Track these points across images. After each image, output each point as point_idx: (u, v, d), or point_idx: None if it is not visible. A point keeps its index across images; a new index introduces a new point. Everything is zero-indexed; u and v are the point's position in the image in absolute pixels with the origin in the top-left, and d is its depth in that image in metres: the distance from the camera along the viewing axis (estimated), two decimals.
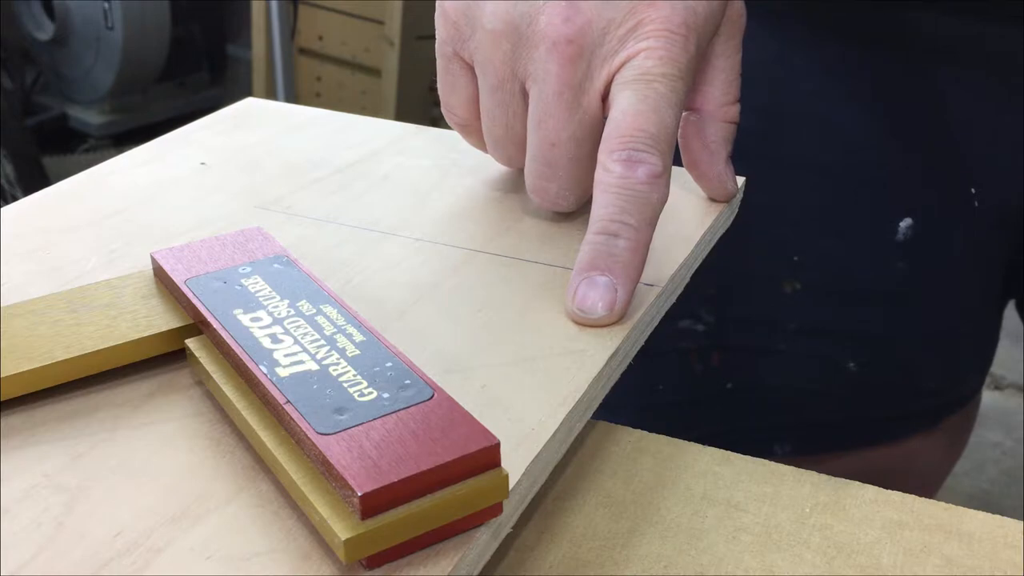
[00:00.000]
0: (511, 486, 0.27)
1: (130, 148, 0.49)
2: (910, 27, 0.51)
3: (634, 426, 0.36)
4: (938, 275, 0.55)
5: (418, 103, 2.28)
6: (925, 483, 0.65)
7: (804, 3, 0.52)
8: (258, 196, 0.44)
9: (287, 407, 0.28)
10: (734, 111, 0.41)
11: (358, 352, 0.30)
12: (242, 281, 0.34)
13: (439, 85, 0.42)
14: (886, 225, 0.54)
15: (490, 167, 0.46)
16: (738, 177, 0.44)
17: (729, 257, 0.43)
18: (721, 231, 0.43)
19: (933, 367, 0.58)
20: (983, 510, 0.32)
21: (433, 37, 0.41)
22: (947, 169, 0.53)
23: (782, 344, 0.57)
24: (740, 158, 0.43)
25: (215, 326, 0.31)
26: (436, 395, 0.28)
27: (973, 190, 0.53)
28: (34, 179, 2.18)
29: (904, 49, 0.52)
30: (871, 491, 0.33)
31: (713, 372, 0.58)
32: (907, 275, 0.54)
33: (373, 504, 0.25)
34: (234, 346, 0.30)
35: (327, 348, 0.30)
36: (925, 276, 0.55)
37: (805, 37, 0.53)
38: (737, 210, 0.44)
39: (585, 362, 0.33)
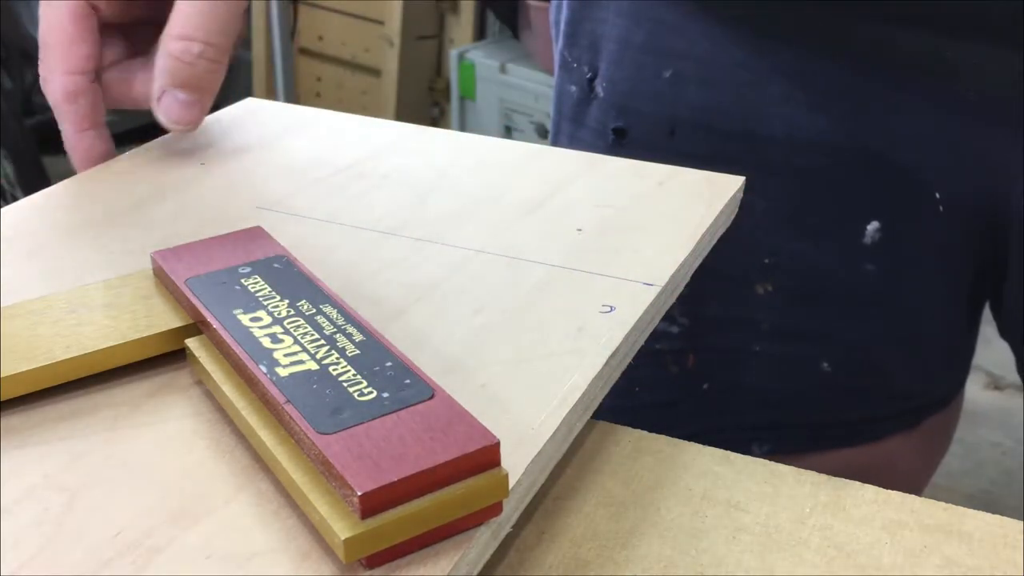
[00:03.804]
0: (511, 486, 0.27)
1: (130, 148, 0.49)
2: (875, 39, 0.51)
3: None
4: (905, 278, 0.55)
5: (418, 103, 2.27)
6: (906, 483, 0.65)
7: (769, 10, 0.53)
8: (258, 196, 0.44)
9: (287, 407, 0.28)
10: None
11: (358, 352, 0.30)
12: (242, 281, 0.34)
13: None
14: (853, 228, 0.54)
15: (490, 167, 0.46)
16: (738, 177, 0.44)
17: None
18: (721, 231, 0.43)
19: (904, 369, 0.59)
20: (983, 510, 0.32)
21: (433, 37, 0.42)
22: (910, 174, 0.53)
23: (756, 345, 0.57)
24: (712, 161, 0.43)
25: (215, 326, 0.31)
26: (436, 395, 0.28)
27: (937, 195, 0.53)
28: (34, 179, 2.18)
29: (869, 58, 0.52)
30: (871, 491, 0.33)
31: (689, 374, 0.58)
32: (875, 277, 0.55)
33: (373, 503, 0.25)
34: (234, 346, 0.30)
35: (327, 348, 0.30)
36: (893, 279, 0.55)
37: (771, 42, 0.53)
38: (736, 210, 0.44)
39: (585, 362, 0.33)
